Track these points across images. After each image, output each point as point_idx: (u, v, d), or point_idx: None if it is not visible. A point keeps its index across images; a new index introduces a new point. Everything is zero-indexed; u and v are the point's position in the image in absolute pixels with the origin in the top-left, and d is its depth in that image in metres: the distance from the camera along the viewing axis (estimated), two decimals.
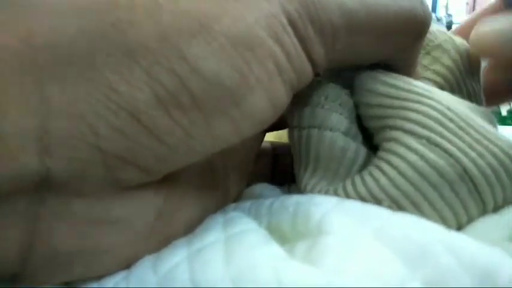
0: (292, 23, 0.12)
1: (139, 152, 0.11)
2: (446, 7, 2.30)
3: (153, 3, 0.11)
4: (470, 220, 0.13)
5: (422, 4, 0.14)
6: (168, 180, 0.13)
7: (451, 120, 0.13)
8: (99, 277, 0.12)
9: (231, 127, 0.11)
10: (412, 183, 0.12)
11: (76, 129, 0.10)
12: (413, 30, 0.14)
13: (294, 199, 0.13)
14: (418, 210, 0.12)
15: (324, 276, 0.09)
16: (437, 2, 2.06)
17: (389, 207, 0.13)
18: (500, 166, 0.12)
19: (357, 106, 0.15)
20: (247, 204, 0.14)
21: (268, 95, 0.12)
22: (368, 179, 0.13)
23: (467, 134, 0.13)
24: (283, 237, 0.12)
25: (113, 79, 0.10)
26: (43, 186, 0.10)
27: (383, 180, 0.13)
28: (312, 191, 0.15)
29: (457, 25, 0.22)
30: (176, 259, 0.12)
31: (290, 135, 0.16)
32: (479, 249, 0.10)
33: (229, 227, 0.13)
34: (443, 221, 0.12)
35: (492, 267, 0.09)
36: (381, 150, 0.14)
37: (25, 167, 0.10)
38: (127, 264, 0.12)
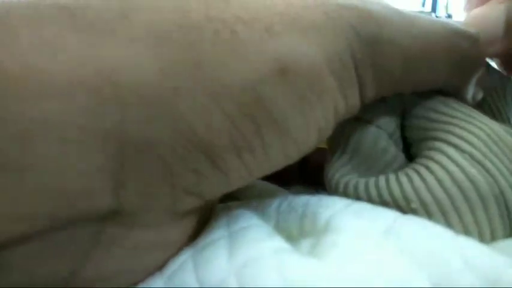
0: (356, 67, 0.12)
1: (206, 185, 0.11)
2: (446, 7, 2.30)
3: (236, 40, 0.10)
4: (494, 238, 0.13)
5: (478, 48, 0.15)
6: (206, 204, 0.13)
7: (495, 142, 0.13)
8: None
9: (283, 158, 0.12)
10: (446, 192, 0.12)
11: (152, 167, 0.10)
12: (465, 69, 0.15)
13: (302, 200, 0.13)
14: (445, 219, 0.12)
15: (327, 270, 0.09)
16: (437, 2, 2.06)
17: (416, 210, 0.12)
18: None
19: (402, 117, 0.16)
20: (253, 203, 0.15)
21: (319, 127, 0.12)
22: (403, 179, 0.13)
23: (509, 159, 0.13)
24: (289, 236, 0.12)
25: (195, 122, 0.10)
26: (109, 217, 0.10)
27: (418, 182, 0.13)
28: (339, 180, 0.15)
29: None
30: (181, 259, 0.12)
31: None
32: (488, 253, 0.10)
33: (232, 223, 0.13)
34: (467, 234, 0.12)
35: (500, 271, 0.09)
36: (420, 157, 0.14)
37: (98, 202, 0.10)
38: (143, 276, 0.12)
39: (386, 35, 0.12)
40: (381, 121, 0.15)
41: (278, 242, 0.11)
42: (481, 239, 0.12)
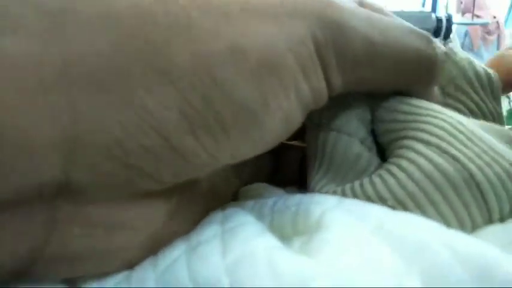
0: (318, 48, 0.12)
1: (161, 167, 0.11)
2: (446, 7, 2.30)
3: (187, 21, 0.11)
4: (475, 227, 0.13)
5: (434, 48, 0.15)
6: (181, 189, 0.13)
7: (460, 132, 0.13)
8: (100, 276, 0.12)
9: (249, 146, 0.12)
10: (418, 185, 0.13)
11: (103, 143, 0.10)
12: (425, 66, 0.15)
13: (296, 199, 0.13)
14: (422, 212, 0.13)
15: (318, 266, 0.09)
16: (437, 2, 2.06)
17: (393, 207, 0.13)
18: (508, 177, 0.13)
19: (372, 122, 0.16)
20: (250, 203, 0.15)
21: (286, 117, 0.12)
22: (376, 180, 0.13)
23: (476, 145, 0.13)
24: (283, 235, 0.12)
25: (146, 98, 0.10)
26: (62, 193, 0.10)
27: (391, 181, 0.13)
28: (320, 191, 0.15)
29: (457, 25, 0.22)
30: (174, 255, 0.12)
31: (308, 134, 0.17)
32: (477, 246, 0.10)
33: (226, 221, 0.13)
34: (446, 225, 0.12)
35: (489, 262, 0.09)
36: (391, 157, 0.14)
37: (47, 176, 0.10)
38: (134, 263, 0.12)
39: (347, 21, 0.13)
40: (351, 128, 0.15)
41: (270, 240, 0.11)
42: (462, 227, 0.13)
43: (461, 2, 2.29)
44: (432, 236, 0.10)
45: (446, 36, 1.13)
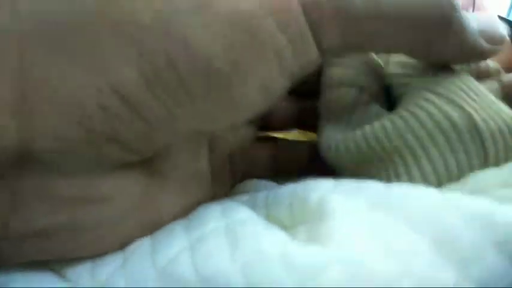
0: (306, 9, 0.11)
1: (123, 130, 0.10)
2: None
3: None
4: (472, 170, 0.14)
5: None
6: (154, 163, 0.12)
7: (470, 88, 0.14)
8: (90, 266, 0.12)
9: (218, 112, 0.11)
10: (425, 129, 0.14)
11: (60, 104, 0.10)
12: (438, 22, 0.13)
13: (289, 188, 0.13)
14: (427, 154, 0.14)
15: (332, 254, 0.09)
16: None
17: (400, 149, 0.14)
18: (508, 131, 0.14)
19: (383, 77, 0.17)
20: (243, 197, 0.14)
21: (262, 83, 0.11)
22: (386, 123, 0.14)
23: (483, 101, 0.14)
24: (284, 226, 0.12)
25: (102, 56, 0.10)
26: (22, 163, 0.10)
27: (401, 124, 0.14)
28: (329, 144, 0.16)
29: None
30: (175, 249, 0.11)
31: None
32: (477, 203, 0.10)
33: (228, 214, 0.12)
34: (446, 167, 0.13)
35: (491, 217, 0.10)
36: (402, 104, 0.15)
37: (5, 145, 0.09)
38: (112, 244, 0.12)
39: None
40: (346, 79, 0.17)
41: (278, 234, 0.11)
42: (460, 169, 0.14)
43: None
44: (434, 201, 0.10)
45: None
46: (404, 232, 0.10)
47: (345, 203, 0.11)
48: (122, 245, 0.12)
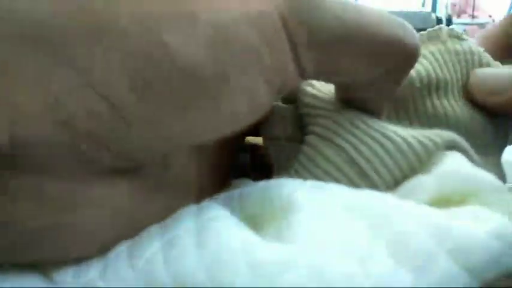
0: (285, 24, 0.12)
1: (107, 133, 0.10)
2: (446, 7, 2.31)
3: None
4: None
5: (412, 37, 0.14)
6: (143, 172, 0.12)
7: (351, 123, 0.15)
8: (74, 269, 0.12)
9: (204, 122, 0.11)
10: (311, 173, 0.15)
11: (44, 106, 0.10)
12: (401, 56, 0.14)
13: (261, 184, 0.14)
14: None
15: (295, 252, 0.10)
16: (437, 2, 2.07)
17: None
18: (381, 148, 0.15)
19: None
20: (220, 197, 0.15)
21: (247, 94, 0.11)
22: (293, 176, 0.15)
23: (357, 128, 0.15)
24: (255, 223, 0.12)
25: (87, 60, 0.10)
26: (16, 164, 0.10)
27: (302, 173, 0.15)
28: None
29: (457, 25, 0.22)
30: (151, 250, 0.12)
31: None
32: (433, 213, 0.11)
33: (200, 214, 0.13)
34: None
35: (445, 226, 0.11)
36: (298, 153, 0.16)
37: None
38: (99, 247, 0.12)
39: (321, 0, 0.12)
40: (277, 132, 0.17)
41: (245, 232, 0.11)
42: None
43: (455, 5, 2.30)
44: (393, 206, 0.11)
45: None
46: (364, 234, 0.11)
47: (312, 199, 0.12)
48: (107, 249, 0.12)
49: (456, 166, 0.14)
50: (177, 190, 0.14)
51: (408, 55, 0.14)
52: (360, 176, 0.14)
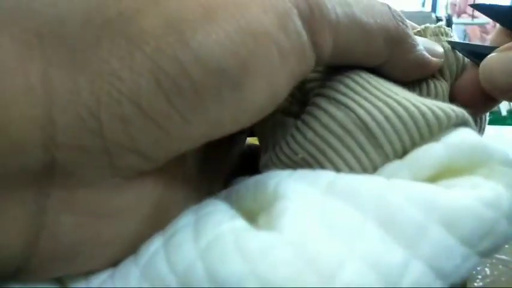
0: (300, 9, 0.12)
1: (139, 138, 0.11)
2: (446, 7, 2.31)
3: None
4: (374, 166, 0.14)
5: (397, 18, 0.15)
6: (167, 173, 0.13)
7: (356, 82, 0.15)
8: (87, 276, 0.12)
9: (228, 114, 0.11)
10: (319, 135, 0.14)
11: (79, 116, 0.10)
12: (393, 36, 0.15)
13: (254, 178, 0.14)
14: (327, 158, 0.14)
15: (282, 236, 0.10)
16: (437, 2, 2.07)
17: (305, 158, 0.14)
18: (396, 117, 0.14)
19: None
20: (222, 193, 0.15)
21: (268, 83, 0.12)
22: (288, 138, 0.15)
23: (368, 91, 0.15)
24: (251, 216, 0.12)
25: (116, 66, 0.10)
26: (48, 176, 0.10)
27: (299, 136, 0.15)
28: (261, 167, 0.16)
29: (457, 25, 0.22)
30: (153, 248, 0.12)
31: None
32: (421, 186, 0.11)
33: (200, 209, 0.13)
34: (349, 167, 0.14)
35: (435, 198, 0.11)
36: (302, 114, 0.15)
37: (31, 157, 0.10)
38: (127, 255, 0.12)
39: None
40: (292, 108, 0.17)
41: (237, 223, 0.11)
42: (362, 166, 0.14)
43: (455, 5, 2.29)
44: (378, 185, 0.11)
45: None
46: (352, 214, 0.11)
47: (297, 188, 0.12)
48: (131, 253, 0.12)
49: (467, 137, 0.14)
50: (198, 192, 0.14)
51: (396, 34, 0.15)
52: (370, 141, 0.14)
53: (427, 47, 0.17)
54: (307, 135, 0.14)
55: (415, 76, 0.17)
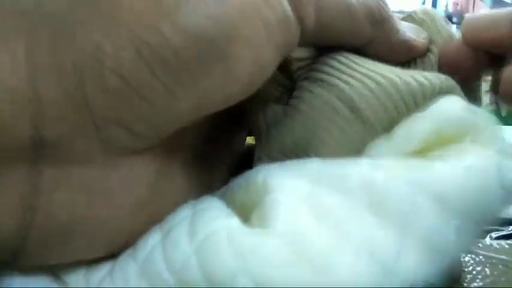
0: None
1: (125, 111, 0.11)
2: (446, 7, 2.31)
3: None
4: (363, 140, 0.14)
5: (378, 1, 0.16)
6: (163, 157, 0.13)
7: (341, 63, 0.15)
8: (86, 273, 0.12)
9: (215, 86, 0.11)
10: (307, 116, 0.14)
11: (64, 91, 0.10)
12: (374, 16, 0.15)
13: (246, 174, 0.14)
14: (317, 137, 0.14)
15: (272, 229, 0.10)
16: (437, 1, 2.07)
17: (295, 141, 0.14)
18: (378, 87, 0.14)
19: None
20: (219, 190, 0.15)
21: (254, 54, 0.12)
22: (279, 124, 0.15)
23: (353, 69, 0.15)
24: (244, 212, 0.13)
25: (99, 39, 0.10)
26: (38, 154, 0.10)
27: (288, 120, 0.15)
28: (256, 160, 0.16)
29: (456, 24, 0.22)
30: (151, 243, 0.12)
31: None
32: (403, 163, 0.11)
33: (196, 205, 0.13)
34: (339, 144, 0.14)
35: (419, 173, 0.11)
36: (291, 99, 0.15)
37: (20, 134, 0.10)
38: (122, 238, 0.12)
39: None
40: (283, 97, 0.16)
41: (231, 220, 0.12)
42: (349, 140, 0.14)
43: (457, 4, 2.29)
44: (366, 168, 0.11)
45: None
46: (341, 202, 0.11)
47: (286, 179, 0.12)
48: (128, 237, 0.13)
49: (453, 106, 0.14)
50: (192, 181, 0.14)
51: (376, 12, 0.16)
52: (355, 115, 0.14)
53: (410, 29, 0.17)
54: (296, 118, 0.14)
55: (401, 58, 0.17)
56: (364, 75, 0.14)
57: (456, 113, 0.13)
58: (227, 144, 0.18)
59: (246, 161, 0.20)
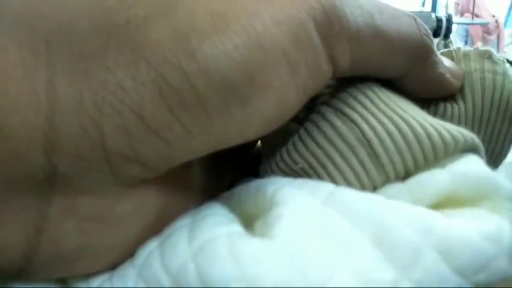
0: (317, 21, 0.12)
1: (141, 149, 0.10)
2: (446, 7, 2.31)
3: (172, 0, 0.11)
4: (374, 185, 0.13)
5: (422, 32, 0.15)
6: (171, 181, 0.13)
7: (366, 96, 0.14)
8: (87, 277, 0.13)
9: (234, 127, 0.11)
10: (320, 147, 0.14)
11: (81, 126, 0.10)
12: (416, 51, 0.15)
13: (255, 182, 0.14)
14: (326, 172, 0.14)
15: (275, 243, 0.10)
16: (437, 2, 2.06)
17: (304, 168, 0.14)
18: (400, 135, 0.13)
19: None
20: (223, 195, 0.15)
21: (277, 97, 0.11)
22: (289, 146, 0.15)
23: (376, 107, 0.14)
24: (249, 220, 0.12)
25: (120, 76, 0.10)
26: (49, 184, 0.10)
27: (300, 145, 0.14)
28: (261, 172, 0.16)
29: (457, 24, 0.21)
30: (149, 248, 0.12)
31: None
32: (417, 208, 0.11)
33: (198, 212, 0.13)
34: (347, 183, 0.13)
35: (430, 221, 0.11)
36: (306, 122, 0.15)
37: (33, 165, 0.10)
38: (128, 256, 0.12)
39: (349, 2, 0.12)
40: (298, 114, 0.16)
41: (232, 227, 0.12)
42: (361, 183, 0.13)
43: (458, 4, 2.29)
44: (379, 204, 0.11)
45: (446, 36, 1.13)
46: (348, 228, 0.11)
47: (295, 196, 0.12)
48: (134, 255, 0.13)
49: (473, 167, 0.13)
50: (202, 199, 0.14)
51: (423, 48, 0.15)
52: (371, 159, 0.13)
53: (449, 66, 0.16)
54: (309, 145, 0.14)
55: (432, 95, 0.17)
56: (385, 116, 0.14)
57: (476, 175, 0.13)
58: (237, 154, 0.17)
59: (250, 163, 0.20)
